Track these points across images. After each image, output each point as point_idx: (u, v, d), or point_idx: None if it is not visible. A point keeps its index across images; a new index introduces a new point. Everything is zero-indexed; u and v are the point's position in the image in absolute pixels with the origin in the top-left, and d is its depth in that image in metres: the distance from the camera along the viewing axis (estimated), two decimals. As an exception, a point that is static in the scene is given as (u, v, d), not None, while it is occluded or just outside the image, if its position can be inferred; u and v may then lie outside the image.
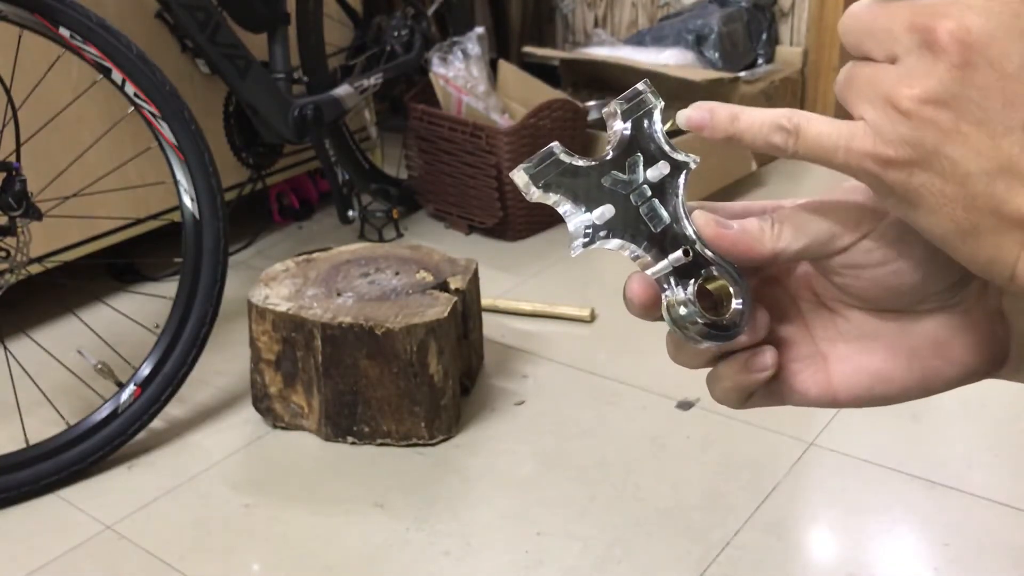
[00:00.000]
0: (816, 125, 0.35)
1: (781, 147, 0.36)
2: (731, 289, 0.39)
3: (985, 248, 0.33)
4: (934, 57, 0.31)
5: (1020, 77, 0.31)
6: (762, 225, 0.39)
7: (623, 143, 0.39)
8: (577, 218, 0.39)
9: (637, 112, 0.40)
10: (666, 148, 0.40)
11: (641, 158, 0.39)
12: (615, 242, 0.39)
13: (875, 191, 0.35)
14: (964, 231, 0.33)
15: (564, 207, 0.39)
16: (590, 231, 0.39)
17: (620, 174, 0.39)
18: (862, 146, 0.33)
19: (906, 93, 0.32)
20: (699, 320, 0.38)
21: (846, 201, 0.39)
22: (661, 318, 0.39)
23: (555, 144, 0.39)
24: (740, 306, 0.39)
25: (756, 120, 0.36)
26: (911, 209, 0.34)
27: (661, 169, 0.39)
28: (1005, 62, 0.31)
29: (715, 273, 0.39)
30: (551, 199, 0.39)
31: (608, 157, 0.39)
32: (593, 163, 0.39)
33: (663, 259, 0.39)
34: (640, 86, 0.40)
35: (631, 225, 0.39)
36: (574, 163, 0.39)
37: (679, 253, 0.39)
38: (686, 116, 0.38)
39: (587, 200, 0.39)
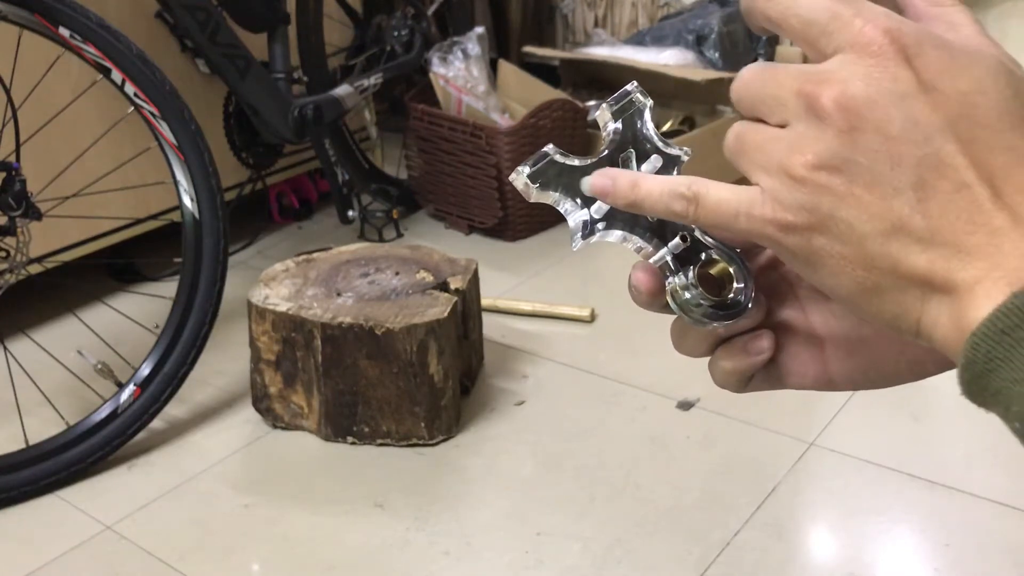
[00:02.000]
0: (715, 192, 0.36)
1: (681, 214, 0.37)
2: (731, 270, 0.40)
3: (888, 306, 0.34)
4: (821, 123, 0.33)
5: (903, 139, 0.32)
6: None
7: (615, 141, 0.41)
8: (576, 214, 0.40)
9: (627, 111, 0.41)
10: (659, 143, 0.41)
11: (634, 154, 0.41)
12: (615, 234, 0.41)
13: (778, 254, 0.36)
14: (867, 290, 0.34)
15: (563, 205, 0.41)
16: (589, 224, 0.40)
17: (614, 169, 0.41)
18: (761, 213, 0.34)
19: (799, 160, 0.33)
20: (702, 302, 0.40)
21: None
22: (667, 306, 0.41)
23: (550, 146, 0.41)
24: (741, 285, 0.40)
25: (656, 188, 0.37)
26: (814, 271, 0.35)
27: (654, 163, 0.41)
28: (888, 125, 0.32)
29: (715, 256, 0.41)
30: (551, 198, 0.40)
31: (602, 155, 0.41)
32: (588, 161, 0.41)
33: (663, 247, 0.40)
34: (629, 87, 0.42)
35: (628, 217, 0.41)
36: (569, 162, 0.40)
37: (677, 239, 0.40)
38: (589, 183, 0.39)
39: (584, 196, 0.40)
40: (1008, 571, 1.15)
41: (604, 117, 0.41)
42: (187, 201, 1.43)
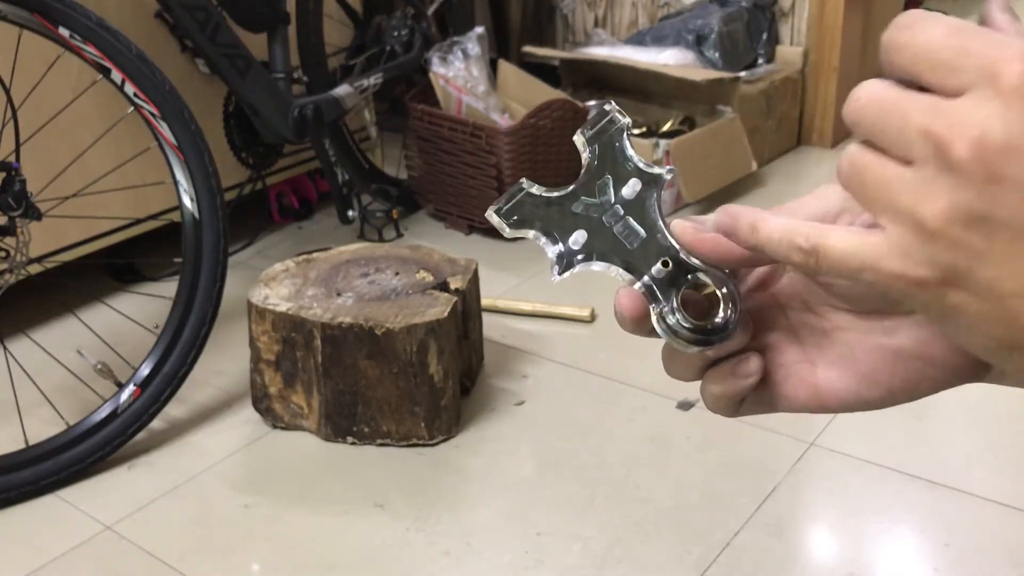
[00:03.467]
0: (838, 245, 0.33)
1: (802, 266, 0.34)
2: (718, 293, 0.39)
3: None
4: (955, 172, 0.29)
5: None
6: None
7: (591, 168, 0.40)
8: (553, 247, 0.40)
9: (604, 135, 0.40)
10: (640, 165, 0.40)
11: (611, 179, 0.40)
12: (597, 264, 0.40)
13: (909, 305, 0.33)
14: (1008, 347, 0.31)
15: (541, 239, 0.40)
16: (566, 257, 0.40)
17: (590, 198, 0.40)
18: (890, 267, 0.31)
19: (931, 211, 0.30)
20: (687, 326, 0.39)
21: (823, 198, 0.39)
22: (653, 331, 0.40)
23: (523, 180, 0.40)
24: (729, 308, 0.39)
25: (775, 234, 0.35)
26: (948, 326, 0.32)
27: (634, 186, 0.40)
28: None
29: (701, 279, 0.40)
30: (528, 233, 0.40)
31: (578, 184, 0.40)
32: (564, 192, 0.40)
33: (646, 274, 0.40)
34: (606, 107, 0.41)
35: (608, 245, 0.40)
36: (543, 195, 0.40)
37: (659, 265, 0.39)
38: (714, 221, 0.38)
39: (561, 228, 0.40)
40: (1008, 571, 1.15)
41: (580, 142, 0.40)
42: (187, 201, 1.43)
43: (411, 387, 1.38)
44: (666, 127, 2.32)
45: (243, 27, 1.89)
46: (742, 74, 2.47)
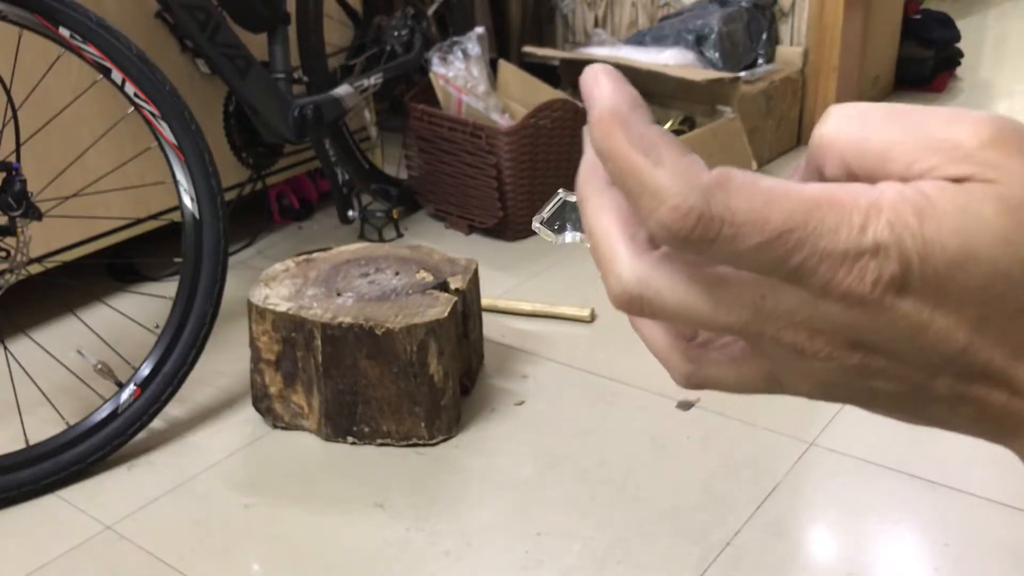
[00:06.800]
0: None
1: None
2: None
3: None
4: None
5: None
6: None
7: None
8: None
9: None
10: None
11: None
12: None
13: None
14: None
15: (586, 241, 0.43)
16: None
17: None
18: None
19: None
20: None
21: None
22: None
23: (560, 189, 0.44)
24: None
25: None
26: None
27: None
28: None
29: None
30: (576, 237, 0.43)
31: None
32: None
33: None
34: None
35: None
36: None
37: None
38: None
39: None
40: (1008, 571, 1.15)
41: None
42: (187, 201, 1.43)
43: (411, 387, 1.38)
44: (666, 127, 2.31)
45: (243, 27, 1.89)
46: (742, 74, 2.47)
